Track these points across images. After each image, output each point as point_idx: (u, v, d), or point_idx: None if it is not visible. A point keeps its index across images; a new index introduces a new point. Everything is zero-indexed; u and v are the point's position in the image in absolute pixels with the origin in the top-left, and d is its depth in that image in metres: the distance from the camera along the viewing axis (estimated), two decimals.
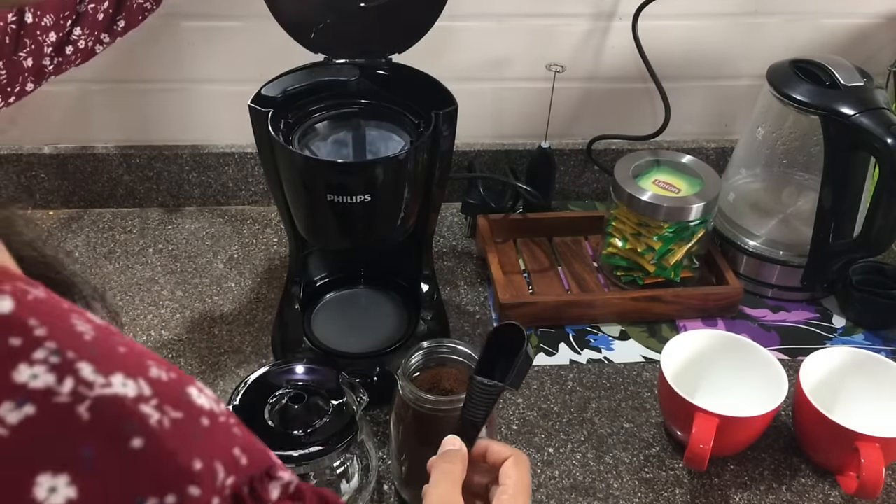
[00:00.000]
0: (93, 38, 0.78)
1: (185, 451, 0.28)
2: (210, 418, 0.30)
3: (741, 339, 0.87)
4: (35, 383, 0.26)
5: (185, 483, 0.27)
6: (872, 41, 1.14)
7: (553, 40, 1.11)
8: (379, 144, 0.84)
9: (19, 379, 0.26)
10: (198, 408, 0.30)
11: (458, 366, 0.76)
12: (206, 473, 0.28)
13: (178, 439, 0.28)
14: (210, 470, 0.28)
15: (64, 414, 0.26)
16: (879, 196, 0.91)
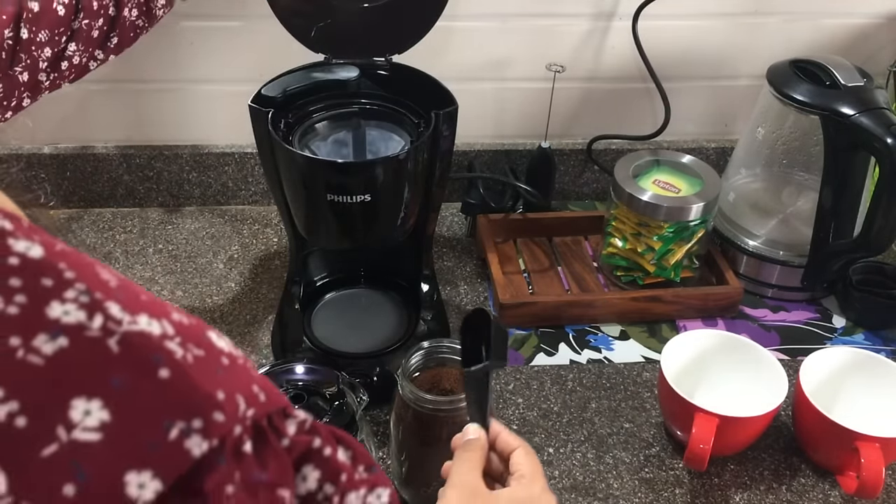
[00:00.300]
0: (87, 55, 0.80)
1: (209, 382, 0.29)
2: (230, 359, 0.32)
3: (741, 339, 0.87)
4: (67, 319, 0.28)
5: (210, 409, 0.29)
6: (872, 41, 1.14)
7: (553, 40, 1.11)
8: (379, 144, 0.84)
9: (52, 314, 0.28)
10: (218, 349, 0.32)
11: (458, 366, 0.76)
12: (229, 403, 0.30)
13: (202, 372, 0.30)
14: (232, 401, 0.30)
15: (95, 346, 0.28)
16: (879, 196, 0.91)
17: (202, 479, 0.28)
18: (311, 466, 0.32)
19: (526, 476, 0.59)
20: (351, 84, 0.86)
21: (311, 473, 0.32)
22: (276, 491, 0.31)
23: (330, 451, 0.33)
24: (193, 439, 0.28)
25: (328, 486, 0.33)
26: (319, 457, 0.33)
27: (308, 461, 0.32)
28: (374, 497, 0.35)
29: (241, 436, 0.30)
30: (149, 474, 0.27)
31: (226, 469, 0.29)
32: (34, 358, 0.27)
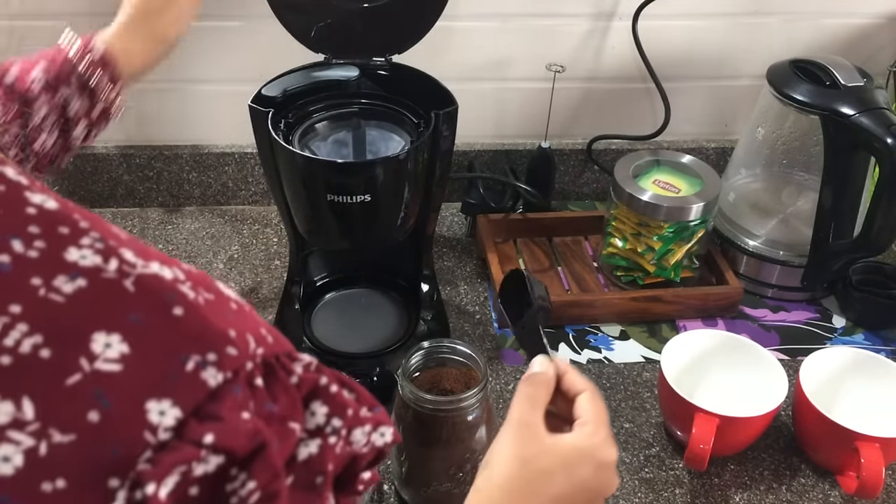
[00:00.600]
0: None
1: (221, 321, 0.31)
2: (237, 304, 0.34)
3: (741, 339, 0.87)
4: (84, 262, 0.30)
5: (224, 344, 0.30)
6: (872, 41, 1.14)
7: (553, 40, 1.11)
8: (379, 144, 0.84)
9: (70, 258, 0.29)
10: (226, 295, 0.33)
11: (458, 366, 0.76)
12: (240, 340, 0.31)
13: (213, 312, 0.31)
14: (243, 338, 0.31)
15: (112, 286, 0.29)
16: (879, 196, 0.91)
17: (219, 405, 0.29)
18: (319, 402, 0.34)
19: (589, 424, 0.58)
20: (351, 84, 0.86)
21: (319, 409, 0.34)
22: (287, 423, 0.32)
23: (336, 388, 0.35)
24: (209, 371, 0.29)
25: (336, 419, 0.34)
26: (327, 393, 0.34)
27: (316, 397, 0.34)
28: (377, 435, 0.36)
29: (253, 371, 0.31)
30: (168, 402, 0.28)
31: (241, 397, 0.30)
32: (55, 296, 0.29)
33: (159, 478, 0.28)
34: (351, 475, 0.36)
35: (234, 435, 0.29)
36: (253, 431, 0.30)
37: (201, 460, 0.29)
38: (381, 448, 0.36)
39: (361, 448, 0.35)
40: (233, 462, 0.29)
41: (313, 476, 0.32)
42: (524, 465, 0.55)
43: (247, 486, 0.30)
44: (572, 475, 0.56)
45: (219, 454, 0.29)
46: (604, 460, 0.57)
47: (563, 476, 0.56)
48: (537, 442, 0.56)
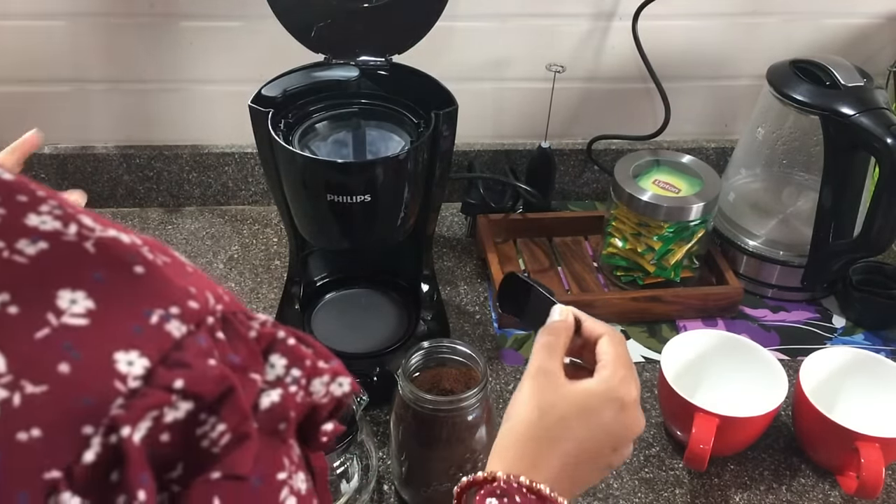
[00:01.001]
0: None
1: (180, 279, 0.32)
2: (193, 269, 0.34)
3: (741, 339, 0.87)
4: (45, 227, 0.31)
5: (185, 299, 0.31)
6: (872, 41, 1.14)
7: (553, 40, 1.11)
8: (379, 144, 0.84)
9: (30, 223, 0.31)
10: (182, 260, 0.34)
11: (458, 366, 0.76)
12: (200, 296, 0.32)
13: (172, 272, 0.32)
14: (203, 295, 0.32)
15: (73, 247, 0.31)
16: (879, 196, 0.91)
17: (185, 353, 0.30)
18: (278, 355, 0.35)
19: (608, 367, 0.58)
20: (351, 84, 0.86)
21: (278, 361, 0.35)
22: (249, 374, 0.33)
23: (294, 341, 0.36)
24: (173, 323, 0.31)
25: (294, 370, 0.35)
26: (284, 346, 0.35)
27: (274, 350, 0.35)
28: (336, 385, 0.37)
29: (214, 324, 0.32)
30: (136, 353, 0.29)
31: (205, 346, 0.31)
32: (18, 258, 0.30)
33: (133, 422, 0.29)
34: (313, 426, 0.37)
35: (203, 379, 0.30)
36: (220, 376, 0.31)
37: (172, 405, 0.30)
38: (340, 398, 0.37)
39: (321, 398, 0.36)
40: (202, 407, 0.30)
41: (276, 423, 0.33)
42: (543, 413, 0.56)
43: (217, 428, 0.31)
44: (590, 421, 0.56)
45: (188, 400, 0.30)
46: (624, 401, 0.57)
47: (582, 422, 0.56)
48: (554, 389, 0.56)
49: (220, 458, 0.31)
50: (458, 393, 0.73)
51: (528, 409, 0.56)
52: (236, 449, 0.31)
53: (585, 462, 0.56)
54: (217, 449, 0.31)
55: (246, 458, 0.32)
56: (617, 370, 0.58)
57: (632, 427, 0.58)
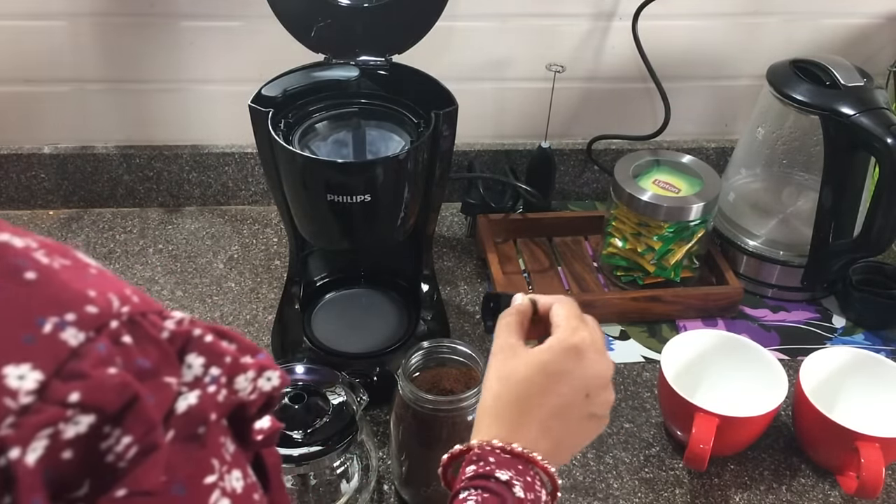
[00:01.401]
0: None
1: (78, 282, 0.31)
2: (98, 270, 0.33)
3: (741, 339, 0.87)
4: None
5: (82, 304, 0.30)
6: (872, 41, 1.14)
7: (553, 40, 1.11)
8: (379, 144, 0.84)
9: None
10: (85, 262, 0.33)
11: (458, 366, 0.76)
12: (101, 299, 0.30)
13: (70, 275, 0.31)
14: (104, 298, 0.31)
15: None
16: (879, 196, 0.91)
17: (82, 363, 0.29)
18: (195, 354, 0.33)
19: (559, 324, 0.59)
20: (351, 84, 0.86)
21: (195, 360, 0.33)
22: (162, 378, 0.31)
23: (212, 338, 0.34)
24: (69, 331, 0.29)
25: (213, 368, 0.33)
26: (201, 344, 0.33)
27: (191, 349, 0.33)
28: (263, 380, 0.35)
29: (119, 329, 0.30)
30: (28, 366, 0.28)
31: (106, 354, 0.29)
32: None
33: (24, 442, 0.27)
34: (243, 424, 0.36)
35: (101, 390, 0.29)
36: (121, 385, 0.29)
37: (70, 420, 0.28)
38: (270, 393, 0.36)
39: (248, 395, 0.35)
40: (105, 419, 0.29)
41: (195, 426, 0.32)
42: (505, 381, 0.57)
43: (122, 441, 0.29)
44: (552, 375, 0.57)
45: (88, 413, 0.28)
46: (580, 347, 0.58)
47: (544, 378, 0.57)
48: (514, 357, 0.58)
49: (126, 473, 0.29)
50: (458, 393, 0.73)
51: (493, 381, 0.57)
52: (142, 463, 0.30)
53: (561, 416, 0.57)
54: (123, 463, 0.29)
55: (152, 471, 0.30)
56: (568, 323, 0.59)
57: (597, 370, 0.58)
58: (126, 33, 1.07)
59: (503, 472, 0.52)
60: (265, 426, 0.37)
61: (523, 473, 0.53)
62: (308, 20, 0.84)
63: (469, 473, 0.53)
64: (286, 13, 0.84)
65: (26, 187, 1.15)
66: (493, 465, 0.52)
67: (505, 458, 0.53)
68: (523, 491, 0.51)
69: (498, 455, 0.53)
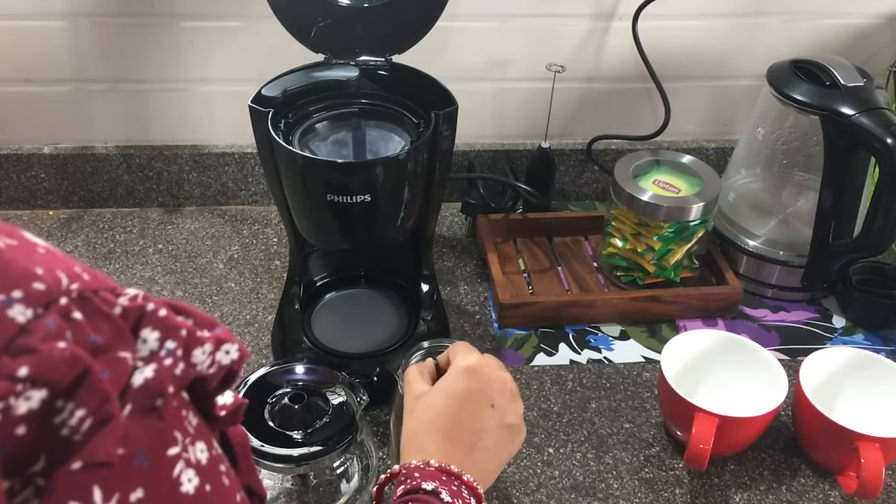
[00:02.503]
0: None
1: (24, 260, 0.30)
2: (46, 249, 0.32)
3: (741, 339, 0.87)
4: None
5: (29, 281, 0.29)
6: (872, 41, 1.14)
7: (553, 40, 1.11)
8: (379, 144, 0.84)
9: None
10: (33, 241, 0.32)
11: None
12: (49, 276, 0.30)
13: (16, 254, 0.30)
14: (53, 275, 0.30)
15: None
16: (879, 196, 0.91)
17: (30, 338, 0.28)
18: (149, 328, 0.33)
19: (455, 357, 0.66)
20: (351, 84, 0.86)
21: (149, 335, 0.33)
22: (116, 353, 0.31)
23: (166, 312, 0.34)
24: (16, 308, 0.29)
25: (169, 342, 0.33)
26: (155, 317, 0.33)
27: (145, 324, 0.33)
28: (222, 353, 0.35)
29: (69, 305, 0.30)
30: None
31: (55, 329, 0.29)
32: None
33: None
34: (205, 399, 0.35)
35: (51, 364, 0.29)
36: (71, 358, 0.29)
37: (20, 395, 0.28)
38: (230, 366, 0.36)
39: (206, 368, 0.35)
40: (57, 393, 0.29)
41: (153, 399, 0.32)
42: (413, 410, 0.63)
43: (76, 414, 0.29)
44: (453, 395, 0.63)
45: (39, 387, 0.28)
46: (470, 366, 0.64)
47: (446, 400, 0.63)
48: (421, 396, 0.64)
49: (82, 446, 0.29)
50: None
51: (407, 419, 0.63)
52: (97, 435, 0.30)
53: (473, 431, 0.62)
54: (79, 436, 0.29)
55: (106, 443, 0.30)
56: (461, 353, 0.66)
57: (494, 378, 0.64)
58: (126, 33, 1.07)
59: (428, 483, 0.56)
60: (228, 402, 0.37)
61: (447, 483, 0.56)
62: (308, 20, 0.84)
63: (399, 493, 0.56)
64: (286, 13, 0.84)
65: (26, 187, 1.15)
66: (418, 479, 0.56)
67: (429, 471, 0.57)
68: (450, 496, 0.55)
69: (422, 470, 0.57)
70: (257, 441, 0.69)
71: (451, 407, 0.62)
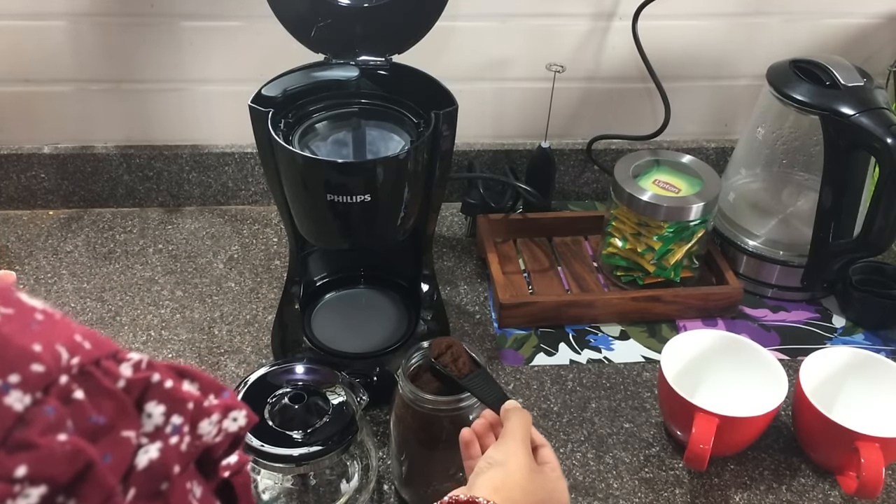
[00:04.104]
0: None
1: (21, 337, 0.28)
2: (44, 315, 0.31)
3: (741, 339, 0.87)
4: None
5: (27, 363, 0.28)
6: (872, 41, 1.14)
7: (553, 40, 1.11)
8: (379, 144, 0.84)
9: None
10: (30, 306, 0.30)
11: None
12: (48, 354, 0.28)
13: (12, 329, 0.29)
14: (52, 351, 0.29)
15: None
16: (879, 196, 0.91)
17: (29, 430, 0.27)
18: (154, 402, 0.31)
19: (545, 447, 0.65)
20: (351, 84, 0.86)
21: (155, 409, 0.31)
22: (119, 433, 0.30)
23: (172, 383, 0.32)
24: (13, 395, 0.27)
25: (175, 417, 0.32)
26: (160, 390, 0.32)
27: (150, 397, 0.31)
28: (229, 421, 0.34)
29: (69, 384, 0.29)
30: None
31: (55, 418, 0.28)
32: None
33: None
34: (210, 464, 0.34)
35: (51, 461, 0.27)
36: (72, 453, 0.27)
37: (18, 496, 0.26)
38: (237, 433, 0.35)
39: (213, 438, 0.33)
40: (57, 490, 0.27)
41: (158, 483, 0.30)
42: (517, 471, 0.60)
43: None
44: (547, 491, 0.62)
45: (38, 484, 0.27)
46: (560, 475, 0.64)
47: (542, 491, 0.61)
48: (534, 472, 0.61)
49: None
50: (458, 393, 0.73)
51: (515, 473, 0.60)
52: None
53: None
54: None
55: None
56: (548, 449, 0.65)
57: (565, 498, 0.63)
58: (126, 33, 1.07)
59: None
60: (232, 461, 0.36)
61: None
62: (308, 20, 0.84)
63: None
64: (286, 13, 0.84)
65: (26, 187, 1.15)
66: None
67: None
68: None
69: None
70: (257, 441, 0.69)
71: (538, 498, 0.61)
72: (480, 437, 0.67)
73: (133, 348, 0.94)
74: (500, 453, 0.61)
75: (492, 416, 0.68)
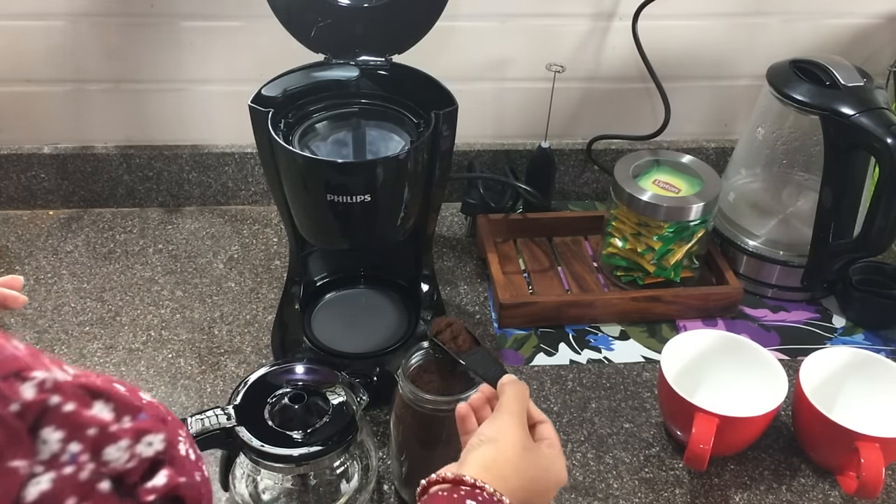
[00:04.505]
0: None
1: None
2: None
3: (741, 339, 0.87)
4: None
5: None
6: (872, 41, 1.14)
7: (553, 40, 1.11)
8: (379, 144, 0.84)
9: None
10: None
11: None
12: None
13: None
14: None
15: None
16: (879, 196, 0.91)
17: None
18: (52, 428, 0.29)
19: (544, 423, 0.65)
20: (351, 84, 0.86)
21: (51, 436, 0.29)
22: (7, 463, 0.28)
23: (74, 406, 0.30)
24: None
25: (73, 444, 0.30)
26: (58, 414, 0.30)
27: (47, 423, 0.29)
28: (143, 446, 0.32)
29: None
30: None
31: None
32: None
33: None
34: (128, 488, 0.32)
35: None
36: None
37: None
38: (152, 458, 0.32)
39: (124, 464, 0.31)
40: None
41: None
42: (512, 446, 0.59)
43: None
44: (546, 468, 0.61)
45: None
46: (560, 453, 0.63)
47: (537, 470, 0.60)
48: (529, 450, 0.60)
49: None
50: (457, 393, 0.73)
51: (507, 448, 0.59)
52: None
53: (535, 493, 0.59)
54: None
55: None
56: (549, 425, 0.65)
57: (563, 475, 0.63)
58: (126, 33, 1.07)
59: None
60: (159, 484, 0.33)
61: None
62: (308, 20, 0.84)
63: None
64: (286, 13, 0.84)
65: (26, 187, 1.15)
66: (462, 495, 0.53)
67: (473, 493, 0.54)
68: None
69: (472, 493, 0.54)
70: (257, 441, 0.69)
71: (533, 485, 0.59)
72: (477, 412, 0.66)
73: (133, 348, 0.94)
74: (492, 429, 0.59)
75: (489, 391, 0.67)
